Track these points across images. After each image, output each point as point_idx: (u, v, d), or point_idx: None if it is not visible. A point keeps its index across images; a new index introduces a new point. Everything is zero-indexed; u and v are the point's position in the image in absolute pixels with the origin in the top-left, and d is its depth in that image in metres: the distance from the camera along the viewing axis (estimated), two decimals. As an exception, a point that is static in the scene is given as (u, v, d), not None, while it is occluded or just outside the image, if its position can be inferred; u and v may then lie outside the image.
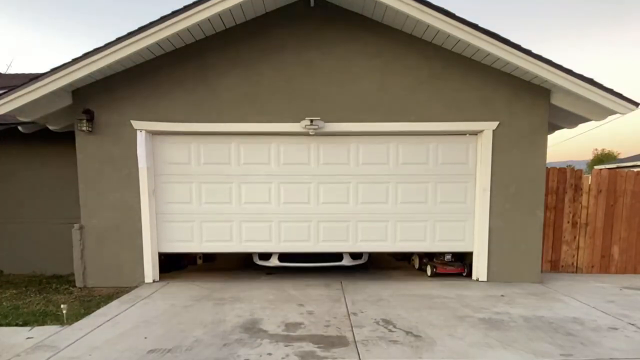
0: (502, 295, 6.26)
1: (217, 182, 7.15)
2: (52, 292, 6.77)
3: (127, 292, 6.49)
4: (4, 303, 6.13)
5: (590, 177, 7.90)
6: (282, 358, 4.08)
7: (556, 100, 6.76)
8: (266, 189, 7.18)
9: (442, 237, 7.28)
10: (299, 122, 6.75)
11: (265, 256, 7.59)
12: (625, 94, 6.25)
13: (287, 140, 7.09)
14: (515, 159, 6.89)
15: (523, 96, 6.81)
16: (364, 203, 7.24)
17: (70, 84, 6.29)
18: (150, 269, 6.96)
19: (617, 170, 8.17)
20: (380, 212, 7.24)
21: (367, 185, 7.21)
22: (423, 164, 7.17)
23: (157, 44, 6.22)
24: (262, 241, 7.31)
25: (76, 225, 6.89)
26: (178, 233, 7.20)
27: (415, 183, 7.20)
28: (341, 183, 7.20)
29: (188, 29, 6.14)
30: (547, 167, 7.23)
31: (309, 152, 7.16)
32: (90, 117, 6.65)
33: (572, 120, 7.36)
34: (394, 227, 7.28)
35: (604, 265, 7.93)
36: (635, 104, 6.32)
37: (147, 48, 6.21)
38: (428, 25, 6.16)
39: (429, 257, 7.75)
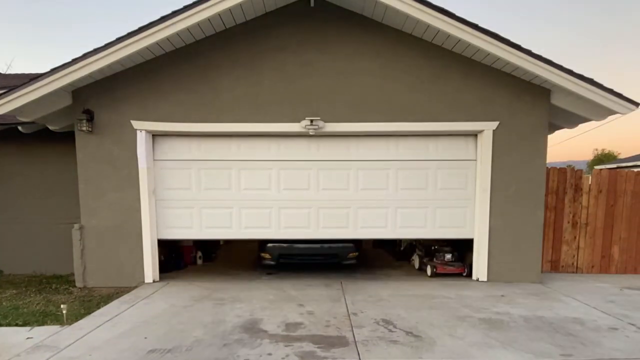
0: (502, 295, 6.26)
1: (217, 167, 7.19)
2: (52, 292, 6.77)
3: (127, 292, 6.49)
4: (4, 303, 6.13)
5: (590, 177, 7.90)
6: (282, 358, 4.08)
7: (556, 100, 6.77)
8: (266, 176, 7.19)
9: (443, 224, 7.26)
10: (299, 122, 6.74)
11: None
12: (625, 94, 6.25)
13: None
14: (515, 159, 6.89)
15: (523, 96, 6.80)
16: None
17: (70, 84, 6.29)
18: (150, 269, 6.96)
19: (617, 170, 8.17)
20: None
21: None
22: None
23: (157, 43, 6.22)
24: (262, 228, 7.28)
25: (76, 225, 6.88)
26: (177, 219, 7.17)
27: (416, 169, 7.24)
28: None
29: (188, 29, 6.14)
30: (547, 167, 7.23)
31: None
32: (90, 117, 6.65)
33: (573, 120, 7.36)
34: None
35: (604, 266, 7.92)
36: (636, 103, 6.32)
37: (147, 48, 6.21)
38: (428, 25, 6.16)
39: (429, 257, 7.74)
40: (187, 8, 5.89)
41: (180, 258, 8.39)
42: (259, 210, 7.21)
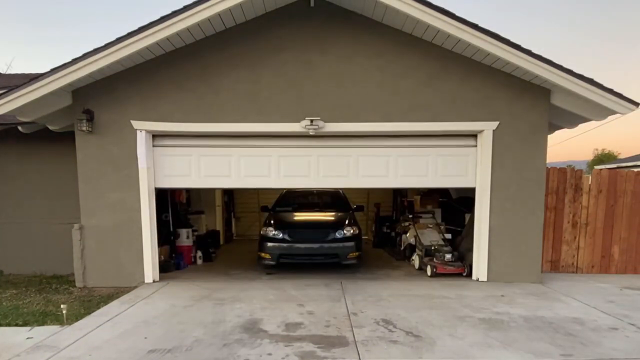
0: (502, 295, 6.26)
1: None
2: (52, 292, 6.77)
3: (127, 292, 6.48)
4: (4, 303, 6.13)
5: (590, 177, 7.90)
6: (282, 358, 4.08)
7: (556, 100, 6.76)
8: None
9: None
10: (299, 122, 6.73)
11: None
12: (625, 94, 6.25)
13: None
14: (515, 159, 6.88)
15: (523, 96, 6.80)
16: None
17: (70, 84, 6.29)
18: (150, 269, 6.95)
19: (617, 170, 8.17)
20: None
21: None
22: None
23: (157, 44, 6.22)
24: (262, 176, 7.18)
25: (76, 225, 6.88)
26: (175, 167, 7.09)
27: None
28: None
29: (188, 29, 6.14)
30: (547, 167, 7.22)
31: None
32: (90, 117, 6.65)
33: (572, 120, 7.36)
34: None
35: (604, 266, 7.92)
36: (635, 103, 6.32)
37: (147, 48, 6.21)
38: (428, 25, 6.15)
39: (429, 257, 7.74)
40: (187, 8, 5.88)
41: (180, 258, 8.39)
42: (258, 159, 7.13)
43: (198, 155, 7.07)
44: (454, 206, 9.19)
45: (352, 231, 8.07)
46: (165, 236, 8.31)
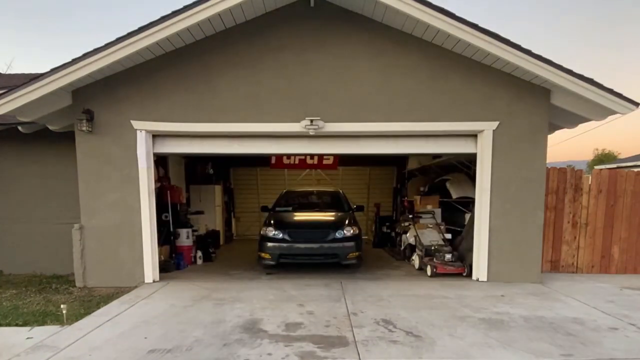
0: (502, 295, 6.26)
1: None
2: (52, 292, 6.76)
3: (127, 292, 6.48)
4: (4, 303, 6.12)
5: (590, 177, 7.89)
6: (282, 358, 4.07)
7: (556, 100, 6.76)
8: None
9: None
10: (299, 122, 6.73)
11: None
12: (625, 94, 6.25)
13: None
14: (515, 159, 6.88)
15: (523, 96, 6.80)
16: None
17: (70, 84, 6.29)
18: (150, 269, 6.95)
19: (618, 170, 8.16)
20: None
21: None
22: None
23: (157, 44, 6.22)
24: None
25: (76, 225, 6.88)
26: None
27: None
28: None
29: (188, 29, 6.14)
30: (547, 167, 7.22)
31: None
32: (90, 117, 6.65)
33: (573, 120, 7.35)
34: None
35: (604, 266, 7.92)
36: (635, 103, 6.32)
37: (147, 48, 6.21)
38: (428, 25, 6.16)
39: (429, 257, 7.74)
40: (187, 8, 5.88)
41: (180, 258, 8.39)
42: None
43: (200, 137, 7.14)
44: (454, 206, 9.18)
45: (352, 231, 8.06)
46: (165, 236, 8.31)
